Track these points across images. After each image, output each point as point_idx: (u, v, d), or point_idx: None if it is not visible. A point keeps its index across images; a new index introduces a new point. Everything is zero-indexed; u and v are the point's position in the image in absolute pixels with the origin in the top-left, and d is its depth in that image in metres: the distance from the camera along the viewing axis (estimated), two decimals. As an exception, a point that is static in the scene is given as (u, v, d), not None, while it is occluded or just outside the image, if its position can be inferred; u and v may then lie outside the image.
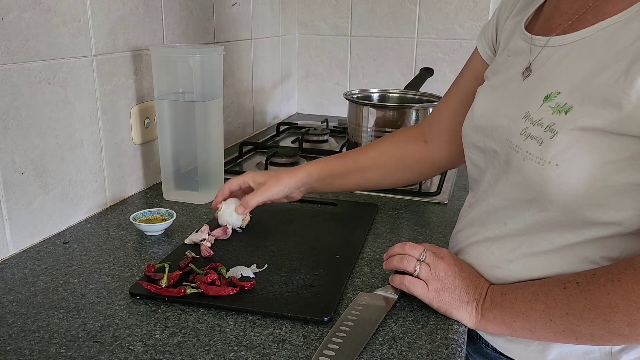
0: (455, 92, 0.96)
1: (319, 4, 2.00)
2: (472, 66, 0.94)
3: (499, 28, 0.88)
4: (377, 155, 1.00)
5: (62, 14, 0.93)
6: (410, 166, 1.00)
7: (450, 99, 0.97)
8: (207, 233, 0.93)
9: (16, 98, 0.86)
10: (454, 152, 0.97)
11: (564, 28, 0.71)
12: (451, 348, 0.67)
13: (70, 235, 0.96)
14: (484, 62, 0.91)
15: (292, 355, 0.65)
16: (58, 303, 0.75)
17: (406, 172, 1.01)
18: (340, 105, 2.02)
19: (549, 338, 0.68)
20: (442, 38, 1.89)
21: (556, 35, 0.71)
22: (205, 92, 1.09)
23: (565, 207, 0.64)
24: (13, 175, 0.87)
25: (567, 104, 0.64)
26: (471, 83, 0.92)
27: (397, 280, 0.76)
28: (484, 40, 0.91)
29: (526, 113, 0.68)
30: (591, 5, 0.68)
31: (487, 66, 0.89)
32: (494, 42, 0.90)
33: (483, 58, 0.91)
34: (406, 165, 1.00)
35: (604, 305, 0.60)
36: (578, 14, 0.70)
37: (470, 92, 0.91)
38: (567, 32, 0.70)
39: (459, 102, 0.94)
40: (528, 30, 0.78)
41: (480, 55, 0.92)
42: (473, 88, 0.90)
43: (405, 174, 1.02)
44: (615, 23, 0.64)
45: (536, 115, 0.66)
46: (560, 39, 0.70)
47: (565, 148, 0.62)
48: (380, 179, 1.01)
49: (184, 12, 1.29)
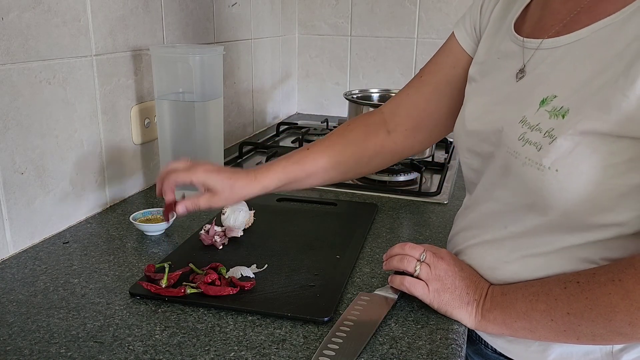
0: (429, 79, 0.91)
1: (319, 4, 2.00)
2: (451, 53, 0.89)
3: (482, 19, 0.85)
4: (337, 153, 0.92)
5: (62, 14, 0.93)
6: (371, 159, 0.95)
7: (422, 86, 0.92)
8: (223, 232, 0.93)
9: (16, 98, 0.86)
10: (418, 141, 0.94)
11: (558, 29, 0.69)
12: (451, 348, 0.67)
13: (70, 235, 0.96)
14: (463, 51, 0.87)
15: (292, 355, 0.65)
16: (58, 303, 0.75)
17: (368, 166, 0.97)
18: (340, 105, 2.02)
19: (550, 338, 0.68)
20: (442, 38, 1.86)
21: (549, 38, 0.70)
22: (205, 92, 1.09)
23: (566, 211, 0.64)
24: (13, 175, 0.87)
25: (563, 107, 0.63)
26: (449, 71, 0.89)
27: (397, 281, 0.75)
28: (464, 30, 0.88)
29: (523, 117, 0.67)
30: (584, 5, 0.67)
31: (468, 56, 0.86)
32: (475, 32, 0.86)
33: (463, 47, 0.87)
34: (368, 158, 0.95)
35: (605, 305, 0.60)
36: (571, 14, 0.68)
37: (446, 81, 0.88)
38: (561, 33, 0.68)
39: (432, 90, 0.90)
40: (517, 31, 0.76)
41: (460, 44, 0.88)
42: (451, 77, 0.87)
43: (366, 167, 0.97)
44: (611, 24, 0.63)
45: (533, 120, 0.65)
46: (553, 41, 0.69)
47: (564, 153, 0.62)
48: (341, 176, 0.96)
49: (184, 12, 1.29)
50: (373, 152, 0.94)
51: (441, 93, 0.90)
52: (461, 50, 0.88)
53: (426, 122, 0.92)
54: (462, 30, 0.88)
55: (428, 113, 0.91)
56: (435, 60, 0.92)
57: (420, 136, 0.94)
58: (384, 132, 0.94)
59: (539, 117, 0.65)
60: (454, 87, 0.88)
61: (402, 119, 0.93)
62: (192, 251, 0.90)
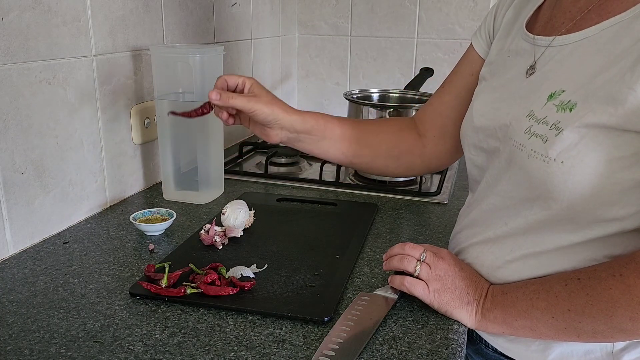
0: (450, 89, 0.96)
1: (319, 4, 2.00)
2: (468, 62, 0.93)
3: (496, 24, 0.88)
4: (373, 130, 0.97)
5: (62, 14, 0.93)
6: (402, 155, 0.99)
7: (444, 95, 0.96)
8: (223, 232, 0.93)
9: (16, 98, 0.86)
10: (444, 150, 0.97)
11: (568, 27, 0.71)
12: (451, 348, 0.67)
13: (70, 235, 0.96)
14: (480, 57, 0.91)
15: (292, 355, 0.65)
16: (58, 303, 0.75)
17: (397, 161, 1.00)
18: (340, 105, 2.02)
19: (550, 336, 0.68)
20: (442, 38, 1.89)
21: (560, 35, 0.71)
22: (205, 92, 1.09)
23: (570, 204, 0.64)
24: (13, 175, 0.87)
25: (570, 101, 0.64)
26: (468, 79, 0.92)
27: (398, 281, 0.75)
28: (480, 38, 0.91)
29: (530, 112, 0.68)
30: (595, 4, 0.69)
31: (484, 61, 0.89)
32: (489, 38, 0.90)
33: (479, 54, 0.91)
34: (398, 153, 0.99)
35: (606, 300, 0.60)
36: (582, 12, 0.70)
37: (466, 88, 0.91)
38: (571, 31, 0.70)
39: (454, 99, 0.94)
40: (529, 30, 0.78)
41: (477, 51, 0.91)
42: (470, 84, 0.90)
43: (394, 162, 1.00)
44: (619, 22, 0.64)
45: (540, 114, 0.66)
46: (563, 39, 0.70)
47: (570, 145, 0.62)
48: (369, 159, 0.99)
49: (184, 12, 1.29)
50: (405, 148, 0.99)
51: (462, 100, 0.92)
52: (478, 57, 0.91)
53: (451, 129, 0.95)
54: (478, 38, 0.92)
55: (452, 120, 0.93)
56: (455, 70, 0.96)
57: (449, 144, 0.96)
58: (416, 133, 0.99)
59: (546, 110, 0.66)
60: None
61: (429, 125, 0.97)
62: (192, 251, 0.90)
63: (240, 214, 0.94)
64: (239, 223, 0.94)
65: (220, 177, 1.19)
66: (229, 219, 0.94)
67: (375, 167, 1.03)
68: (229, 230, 0.93)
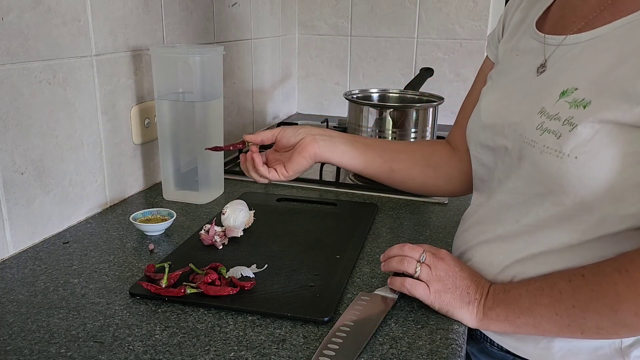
0: (468, 103, 0.96)
1: (319, 4, 2.00)
2: (484, 73, 0.94)
3: (504, 29, 0.89)
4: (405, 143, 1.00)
5: (62, 14, 0.93)
6: (439, 167, 0.96)
7: (466, 110, 0.96)
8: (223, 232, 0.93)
9: (16, 98, 0.86)
10: None
11: (580, 26, 0.71)
12: (451, 348, 0.67)
13: (70, 235, 0.96)
14: (492, 64, 0.92)
15: (292, 355, 0.65)
16: (58, 303, 0.75)
17: (435, 172, 0.97)
18: (340, 105, 2.02)
19: (554, 333, 0.67)
20: (442, 38, 1.89)
21: (572, 34, 0.71)
22: (205, 92, 1.09)
23: (582, 200, 0.64)
24: (13, 175, 0.87)
25: (584, 99, 0.64)
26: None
27: (398, 282, 0.75)
28: (492, 45, 0.92)
29: (541, 109, 0.68)
30: (609, 3, 0.69)
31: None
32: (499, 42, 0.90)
33: (492, 60, 0.92)
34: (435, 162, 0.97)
35: (611, 295, 0.60)
36: (595, 12, 0.70)
37: None
38: (583, 30, 0.70)
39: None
40: (538, 29, 0.78)
41: (490, 58, 0.93)
42: None
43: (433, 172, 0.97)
44: (632, 21, 0.64)
45: (552, 110, 0.66)
46: (575, 37, 0.70)
47: (584, 140, 0.62)
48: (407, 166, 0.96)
49: (184, 12, 1.29)
50: (441, 159, 0.97)
51: None
52: (491, 64, 0.92)
53: None
54: (490, 47, 0.93)
55: None
56: (473, 85, 0.97)
57: None
58: (450, 148, 0.99)
59: (558, 107, 0.66)
60: None
61: (460, 142, 0.96)
62: (192, 251, 0.90)
63: (240, 214, 0.94)
64: (239, 223, 0.94)
65: (220, 177, 1.19)
66: (229, 219, 0.94)
67: (414, 174, 0.97)
68: (229, 230, 0.93)
